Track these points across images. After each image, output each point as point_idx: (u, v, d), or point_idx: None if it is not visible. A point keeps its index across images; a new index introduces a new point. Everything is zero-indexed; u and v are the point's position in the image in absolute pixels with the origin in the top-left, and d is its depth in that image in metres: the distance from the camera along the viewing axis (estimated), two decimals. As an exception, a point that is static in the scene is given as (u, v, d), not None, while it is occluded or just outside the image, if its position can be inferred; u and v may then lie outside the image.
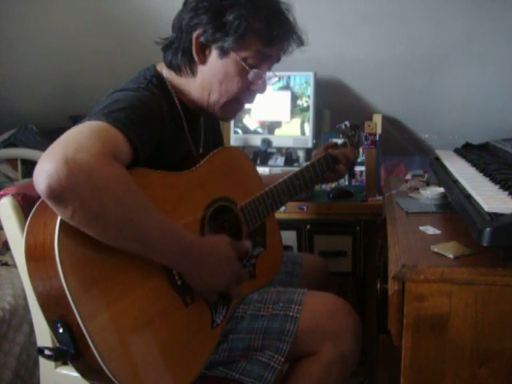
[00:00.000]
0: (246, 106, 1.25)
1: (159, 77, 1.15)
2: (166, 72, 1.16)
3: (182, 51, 1.12)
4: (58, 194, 0.78)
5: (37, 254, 0.87)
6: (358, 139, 1.54)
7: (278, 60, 1.18)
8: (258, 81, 1.15)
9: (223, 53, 1.10)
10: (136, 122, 0.94)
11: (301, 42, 1.18)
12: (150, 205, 0.89)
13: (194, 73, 1.13)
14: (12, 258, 1.69)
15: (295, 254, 1.57)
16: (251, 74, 1.13)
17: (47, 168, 0.78)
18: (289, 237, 1.88)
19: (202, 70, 1.13)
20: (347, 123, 1.53)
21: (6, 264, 1.86)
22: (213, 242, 1.03)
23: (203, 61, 1.12)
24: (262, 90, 1.17)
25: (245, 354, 1.12)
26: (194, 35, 1.09)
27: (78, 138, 0.84)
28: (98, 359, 0.84)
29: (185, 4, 1.13)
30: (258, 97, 1.22)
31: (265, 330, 1.12)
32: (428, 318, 0.85)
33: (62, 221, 0.83)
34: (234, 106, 1.18)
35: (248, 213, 1.19)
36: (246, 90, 1.16)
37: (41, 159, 0.80)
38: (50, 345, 1.14)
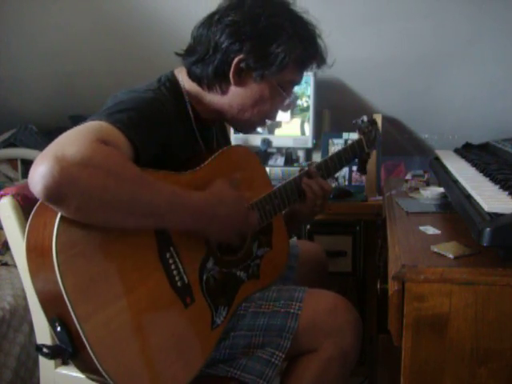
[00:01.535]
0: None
1: (174, 82, 1.15)
2: (183, 78, 1.16)
3: (215, 70, 1.10)
4: (56, 192, 0.78)
5: (36, 254, 0.87)
6: (374, 135, 1.48)
7: (300, 82, 1.22)
8: (287, 103, 1.20)
9: (261, 78, 1.11)
10: (138, 123, 0.94)
11: (324, 63, 1.20)
12: (149, 177, 0.90)
13: (224, 91, 1.13)
14: (12, 258, 1.69)
15: (292, 243, 1.52)
16: (286, 99, 1.18)
17: (40, 170, 0.77)
18: (289, 237, 1.88)
19: (234, 90, 1.13)
20: (365, 118, 1.47)
21: (5, 264, 1.86)
22: (216, 191, 1.06)
23: (239, 83, 1.12)
24: (288, 109, 1.24)
25: (246, 351, 1.12)
26: (235, 61, 1.08)
27: (69, 136, 0.84)
28: (94, 359, 0.85)
29: (218, 20, 1.09)
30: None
31: (266, 326, 1.12)
32: (428, 318, 0.85)
33: (60, 221, 0.83)
34: (260, 123, 1.23)
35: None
36: (275, 111, 1.20)
37: (34, 162, 0.80)
38: (49, 343, 1.14)
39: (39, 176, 0.77)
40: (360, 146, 1.44)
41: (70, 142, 0.81)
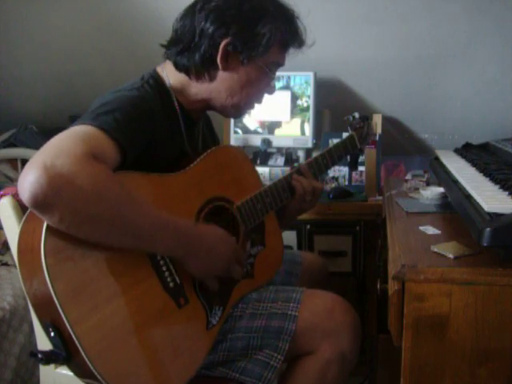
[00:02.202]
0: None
1: (158, 78, 1.15)
2: (167, 73, 1.16)
3: (203, 57, 1.11)
4: (42, 201, 0.79)
5: (27, 259, 0.88)
6: (366, 131, 1.48)
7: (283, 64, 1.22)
8: (272, 84, 1.21)
9: (248, 60, 1.12)
10: (123, 124, 0.95)
11: (304, 46, 1.21)
12: (136, 198, 0.90)
13: (211, 78, 1.14)
14: (12, 258, 1.69)
15: (295, 252, 1.56)
16: (272, 80, 1.19)
17: (28, 178, 0.79)
18: (289, 237, 1.88)
19: (222, 75, 1.13)
20: (356, 114, 1.48)
21: (6, 264, 1.86)
22: (205, 227, 1.06)
23: (226, 67, 1.12)
24: (273, 92, 1.24)
25: (244, 353, 1.12)
26: (222, 44, 1.09)
27: (59, 144, 0.85)
28: (88, 362, 0.85)
29: (202, 8, 1.10)
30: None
31: (263, 328, 1.12)
32: (428, 318, 0.85)
33: (48, 226, 0.83)
34: (248, 106, 1.22)
35: (245, 212, 1.18)
36: (262, 93, 1.21)
37: (23, 169, 0.81)
38: (49, 344, 1.14)
39: (28, 183, 0.79)
40: (352, 143, 1.43)
41: (60, 152, 0.82)
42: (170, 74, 1.16)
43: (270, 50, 1.13)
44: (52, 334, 0.86)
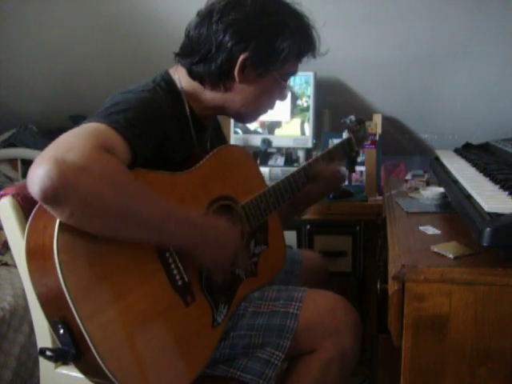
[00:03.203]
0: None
1: (170, 81, 1.15)
2: (179, 77, 1.16)
3: (219, 69, 1.11)
4: (52, 195, 0.78)
5: (37, 256, 0.87)
6: (363, 134, 1.51)
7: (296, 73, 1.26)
8: (285, 93, 1.24)
9: (265, 73, 1.13)
10: (134, 124, 0.95)
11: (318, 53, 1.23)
12: (147, 190, 0.90)
13: (227, 89, 1.14)
14: (12, 258, 1.69)
15: (295, 251, 1.57)
16: (285, 88, 1.21)
17: (38, 172, 0.78)
18: (289, 237, 1.87)
19: (237, 86, 1.14)
20: (352, 117, 1.50)
21: (6, 264, 1.86)
22: (214, 218, 1.07)
23: (242, 80, 1.13)
24: (285, 98, 1.27)
25: (245, 351, 1.12)
26: (241, 59, 1.09)
27: (69, 139, 0.84)
28: (98, 359, 0.85)
29: (219, 20, 1.09)
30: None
31: (265, 326, 1.13)
32: (428, 318, 0.85)
33: (61, 223, 0.83)
34: (261, 113, 1.25)
35: (250, 211, 1.19)
36: (275, 101, 1.24)
37: (33, 164, 0.80)
38: (49, 345, 1.14)
39: (37, 177, 0.78)
40: (350, 145, 1.47)
41: (71, 146, 0.82)
42: (183, 79, 1.16)
43: (287, 64, 1.15)
44: (61, 331, 0.86)
